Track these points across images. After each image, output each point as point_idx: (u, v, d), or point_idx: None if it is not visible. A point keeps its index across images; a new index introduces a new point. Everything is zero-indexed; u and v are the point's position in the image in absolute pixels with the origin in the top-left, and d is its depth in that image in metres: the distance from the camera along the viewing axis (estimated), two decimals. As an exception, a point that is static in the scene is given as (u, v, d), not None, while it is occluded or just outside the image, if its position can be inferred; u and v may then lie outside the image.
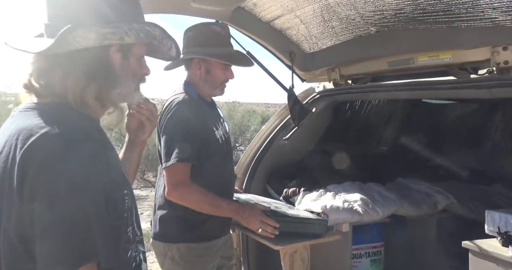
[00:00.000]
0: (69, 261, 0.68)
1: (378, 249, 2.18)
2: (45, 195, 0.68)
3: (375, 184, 2.18)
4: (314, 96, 2.31)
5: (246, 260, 2.22)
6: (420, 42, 1.74)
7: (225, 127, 1.69)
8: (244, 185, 2.20)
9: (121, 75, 0.86)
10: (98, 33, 0.79)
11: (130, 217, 0.85)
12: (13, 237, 0.71)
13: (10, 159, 0.72)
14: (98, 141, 0.79)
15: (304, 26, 2.05)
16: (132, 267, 0.87)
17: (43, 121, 0.74)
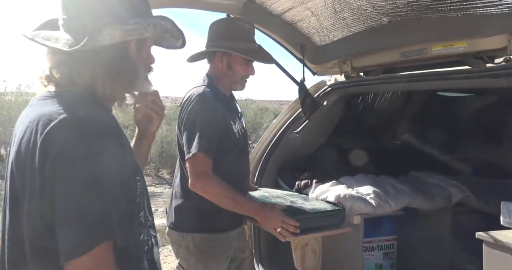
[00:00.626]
0: (88, 240, 0.72)
1: (390, 242, 2.16)
2: (65, 178, 0.72)
3: (388, 176, 2.16)
4: (325, 89, 2.30)
5: (258, 253, 2.23)
6: (433, 32, 1.71)
7: (242, 122, 1.70)
8: (255, 179, 2.21)
9: (134, 66, 0.91)
10: (123, 30, 0.85)
11: (142, 202, 0.90)
12: (35, 216, 0.75)
13: (32, 144, 0.75)
14: (113, 127, 0.83)
15: (315, 18, 2.04)
16: (145, 250, 0.90)
17: (61, 108, 0.78)
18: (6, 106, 5.13)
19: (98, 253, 0.72)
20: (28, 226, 0.76)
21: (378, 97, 2.59)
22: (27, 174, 0.76)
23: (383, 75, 2.05)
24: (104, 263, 0.74)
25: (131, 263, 0.86)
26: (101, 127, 0.79)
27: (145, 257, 0.91)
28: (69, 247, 0.72)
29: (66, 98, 0.82)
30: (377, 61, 2.05)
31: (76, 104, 0.81)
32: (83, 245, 0.72)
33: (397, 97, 2.76)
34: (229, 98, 1.67)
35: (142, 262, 0.90)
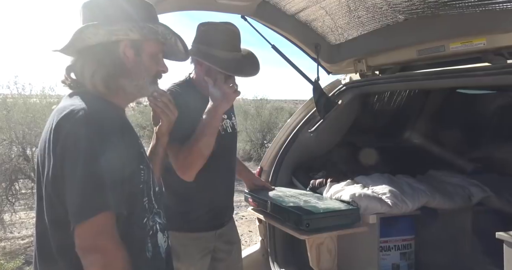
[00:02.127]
0: (89, 208, 0.84)
1: (408, 242, 2.13)
2: (71, 156, 0.86)
3: (405, 176, 2.14)
4: (340, 88, 2.29)
5: (273, 251, 2.24)
6: (451, 28, 1.68)
7: (225, 124, 1.65)
8: (270, 178, 2.22)
9: (133, 69, 1.00)
10: (106, 30, 0.95)
11: (146, 189, 0.99)
12: (50, 190, 0.89)
13: (49, 129, 0.91)
14: (116, 120, 0.94)
15: (330, 17, 2.04)
16: (149, 234, 1.00)
17: (73, 102, 0.94)
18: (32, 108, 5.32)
19: (97, 221, 0.84)
20: (46, 200, 0.90)
21: (395, 95, 2.56)
22: (46, 155, 0.90)
23: (399, 74, 2.03)
24: (104, 230, 0.85)
25: (134, 242, 0.95)
26: (103, 117, 0.90)
27: (149, 240, 1.00)
28: (74, 215, 0.84)
29: (79, 96, 0.96)
30: (393, 59, 2.03)
31: (85, 100, 0.94)
32: (83, 213, 0.84)
33: (415, 95, 2.72)
34: (207, 99, 1.50)
35: (146, 244, 0.99)
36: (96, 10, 0.99)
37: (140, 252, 0.97)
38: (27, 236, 4.42)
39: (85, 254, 0.84)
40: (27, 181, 5.26)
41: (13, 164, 5.02)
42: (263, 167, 2.27)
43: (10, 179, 4.96)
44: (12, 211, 4.86)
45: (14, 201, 4.97)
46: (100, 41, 0.96)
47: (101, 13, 0.98)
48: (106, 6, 0.99)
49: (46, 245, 0.93)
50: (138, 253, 0.96)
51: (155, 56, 1.04)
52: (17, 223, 4.84)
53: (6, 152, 5.13)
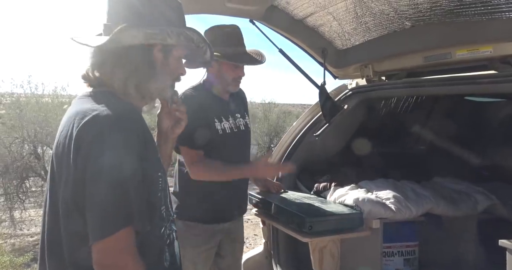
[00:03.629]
0: (110, 224, 0.81)
1: (412, 248, 2.12)
2: (94, 168, 0.81)
3: (410, 181, 2.13)
4: (346, 93, 2.30)
5: (277, 254, 2.25)
6: (458, 36, 1.69)
7: (238, 122, 1.79)
8: (274, 181, 2.23)
9: (160, 72, 0.98)
10: (146, 33, 0.92)
11: (164, 197, 0.96)
12: (68, 199, 0.85)
13: (69, 136, 0.86)
14: (140, 126, 0.91)
15: (337, 22, 2.06)
16: (167, 243, 0.97)
17: (95, 105, 0.89)
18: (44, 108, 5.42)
19: (120, 237, 0.81)
20: (63, 208, 0.86)
21: (402, 101, 2.56)
22: (64, 162, 0.86)
23: (405, 80, 2.04)
24: (125, 247, 0.82)
25: (153, 253, 0.93)
26: (128, 124, 0.87)
27: (167, 249, 0.97)
28: (95, 230, 0.81)
29: (100, 97, 0.92)
30: (400, 66, 2.04)
31: (107, 102, 0.89)
32: (106, 228, 0.80)
33: (422, 102, 2.72)
34: (219, 99, 1.76)
35: (163, 253, 0.96)
36: (130, 7, 0.94)
37: (159, 262, 0.95)
38: (36, 233, 4.49)
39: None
40: (38, 179, 5.35)
41: (24, 161, 5.12)
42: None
43: (21, 176, 5.05)
44: (22, 208, 4.95)
45: (24, 199, 5.06)
46: (136, 44, 0.92)
47: (136, 12, 0.94)
48: (139, 4, 0.94)
49: (56, 255, 0.90)
50: (156, 264, 0.94)
51: (179, 60, 1.03)
52: (26, 220, 4.92)
53: (18, 150, 5.23)
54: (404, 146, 2.49)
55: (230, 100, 1.80)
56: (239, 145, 1.78)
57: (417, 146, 2.61)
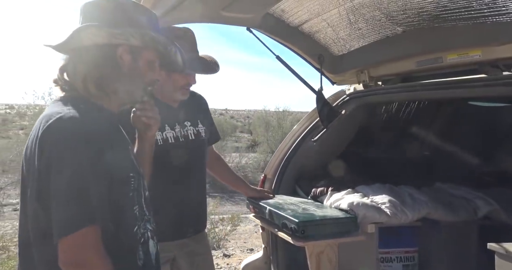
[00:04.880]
0: (73, 222, 0.83)
1: (411, 254, 2.11)
2: (56, 169, 0.84)
3: (408, 186, 2.13)
4: (343, 98, 2.32)
5: (276, 259, 2.26)
6: (447, 40, 1.70)
7: (186, 130, 1.67)
8: (273, 185, 2.26)
9: (128, 74, 0.99)
10: (107, 32, 0.94)
11: (136, 197, 0.98)
12: (35, 201, 0.88)
13: (34, 138, 0.89)
14: (105, 128, 0.92)
15: (332, 29, 2.09)
16: (140, 242, 0.98)
17: (61, 109, 0.91)
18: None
19: (83, 235, 0.82)
20: (30, 208, 0.89)
21: (400, 106, 2.56)
22: (31, 164, 0.89)
23: (399, 84, 2.05)
24: (89, 245, 0.83)
25: (124, 252, 0.95)
26: (91, 126, 0.88)
27: (140, 248, 0.98)
28: (58, 228, 0.83)
29: (69, 101, 0.94)
30: (394, 70, 2.06)
31: (73, 106, 0.92)
32: (68, 226, 0.82)
33: (422, 106, 2.70)
34: (164, 105, 1.60)
35: (137, 252, 0.97)
36: (98, 11, 0.97)
37: (132, 261, 0.96)
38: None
39: (68, 267, 0.84)
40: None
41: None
42: (267, 174, 2.32)
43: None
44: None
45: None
46: (98, 43, 0.94)
47: (103, 15, 0.96)
48: (109, 9, 0.97)
49: (28, 255, 0.92)
50: (129, 262, 0.95)
51: (151, 64, 1.03)
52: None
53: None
54: (404, 151, 2.48)
55: (180, 107, 1.67)
56: (186, 156, 1.64)
57: (417, 151, 2.59)
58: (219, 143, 13.00)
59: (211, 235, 5.55)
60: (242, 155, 12.74)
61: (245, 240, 5.71)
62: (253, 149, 14.59)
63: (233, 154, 12.98)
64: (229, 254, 4.61)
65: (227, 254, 4.58)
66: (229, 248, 5.09)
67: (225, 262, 4.23)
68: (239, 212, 5.73)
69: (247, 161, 12.53)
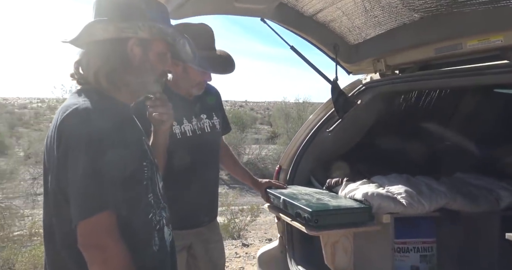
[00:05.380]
0: (88, 208, 0.88)
1: (429, 245, 2.08)
2: (73, 156, 0.89)
3: (426, 177, 2.09)
4: (359, 88, 2.29)
5: (291, 248, 2.28)
6: (467, 26, 1.64)
7: (203, 123, 1.69)
8: (288, 176, 2.27)
9: (139, 67, 1.02)
10: (116, 26, 0.97)
11: (151, 185, 1.02)
12: (55, 188, 0.93)
13: (53, 129, 0.95)
14: (117, 118, 0.96)
15: (347, 17, 2.06)
16: (156, 229, 1.03)
17: (76, 100, 0.96)
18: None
19: (99, 220, 0.87)
20: (52, 195, 0.94)
21: (421, 96, 2.49)
22: (50, 153, 0.94)
23: (417, 73, 2.00)
24: (105, 229, 0.88)
25: (140, 237, 0.99)
26: (105, 116, 0.93)
27: (156, 234, 1.03)
28: (75, 213, 0.88)
29: (83, 94, 0.99)
30: (412, 58, 2.01)
31: (89, 98, 0.96)
32: (84, 211, 0.88)
33: (444, 95, 2.62)
34: (182, 98, 1.64)
35: (152, 238, 1.02)
36: (109, 5, 1.00)
37: (147, 246, 1.00)
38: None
39: (86, 250, 0.88)
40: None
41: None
42: (281, 165, 2.33)
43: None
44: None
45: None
46: (109, 37, 0.97)
47: (113, 9, 0.99)
48: (119, 2, 0.99)
49: (52, 239, 0.98)
50: (144, 247, 0.99)
51: (162, 56, 1.05)
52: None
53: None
54: (422, 141, 2.42)
55: (196, 100, 1.71)
56: (202, 148, 1.67)
57: (436, 142, 2.53)
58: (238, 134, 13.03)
59: (231, 225, 5.65)
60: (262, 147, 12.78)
61: (265, 230, 5.77)
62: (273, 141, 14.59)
63: (253, 146, 13.04)
64: (248, 243, 4.67)
65: (246, 244, 4.65)
66: (248, 238, 5.15)
67: (243, 251, 4.30)
68: (259, 203, 5.79)
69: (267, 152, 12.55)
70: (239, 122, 16.49)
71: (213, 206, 1.81)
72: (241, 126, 16.00)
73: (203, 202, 1.73)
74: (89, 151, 0.88)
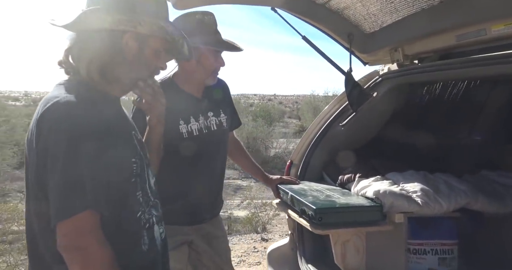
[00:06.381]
0: (68, 207, 0.83)
1: (449, 247, 1.94)
2: (52, 153, 0.84)
3: (445, 174, 1.95)
4: (375, 80, 2.16)
5: (302, 246, 2.21)
6: (492, 9, 1.49)
7: (209, 121, 1.66)
8: (299, 172, 2.19)
9: (133, 62, 0.97)
10: (114, 18, 0.92)
11: (140, 182, 0.97)
12: (34, 183, 0.89)
13: (33, 122, 0.90)
14: (102, 113, 0.90)
15: (361, 4, 1.93)
16: (145, 227, 0.99)
17: (59, 93, 0.90)
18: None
19: (79, 220, 0.83)
20: (31, 191, 0.91)
21: (442, 87, 2.32)
22: (31, 147, 0.90)
23: (438, 62, 1.85)
24: (85, 229, 0.83)
25: (128, 236, 0.95)
26: (88, 110, 0.87)
27: (145, 233, 0.99)
28: (54, 212, 0.84)
29: (69, 85, 0.94)
30: (431, 47, 1.86)
31: (74, 90, 0.91)
32: (64, 211, 0.83)
33: (476, 86, 2.43)
34: (189, 96, 1.64)
35: (141, 237, 0.98)
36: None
37: (135, 245, 0.96)
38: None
39: (66, 252, 0.84)
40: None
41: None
42: (293, 160, 2.26)
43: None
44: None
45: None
46: (105, 28, 0.92)
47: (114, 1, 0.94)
48: None
49: (33, 239, 0.93)
50: (132, 247, 0.96)
51: (157, 52, 1.01)
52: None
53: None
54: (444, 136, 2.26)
55: (204, 97, 1.68)
56: (208, 147, 1.65)
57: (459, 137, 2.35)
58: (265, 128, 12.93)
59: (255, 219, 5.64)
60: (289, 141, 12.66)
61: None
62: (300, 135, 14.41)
63: (281, 140, 12.95)
64: (267, 238, 4.64)
65: (265, 238, 4.61)
66: (269, 233, 5.12)
67: (262, 246, 4.27)
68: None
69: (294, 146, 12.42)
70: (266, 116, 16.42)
71: (215, 203, 1.80)
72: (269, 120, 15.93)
73: (205, 200, 1.71)
74: (69, 149, 0.83)
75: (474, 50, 1.71)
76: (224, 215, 6.92)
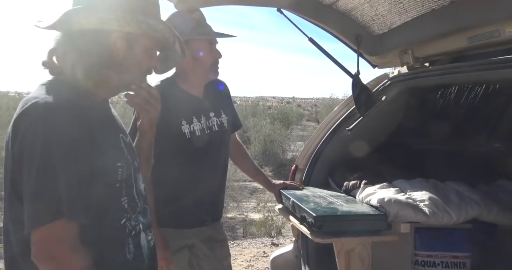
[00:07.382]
0: (41, 216, 0.79)
1: (461, 260, 1.84)
2: (27, 158, 0.80)
3: (457, 183, 1.85)
4: (384, 83, 2.08)
5: (306, 253, 2.15)
6: (506, 9, 1.40)
7: (211, 122, 1.64)
8: (304, 177, 2.14)
9: (122, 62, 0.93)
10: (99, 17, 0.88)
11: (126, 188, 0.93)
12: (9, 190, 0.86)
13: (11, 124, 0.86)
14: (84, 114, 0.85)
15: (369, 5, 1.87)
16: (131, 234, 0.94)
17: (40, 94, 0.86)
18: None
19: (53, 229, 0.78)
20: (6, 195, 0.87)
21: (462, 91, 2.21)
22: (8, 150, 0.86)
23: (449, 65, 1.76)
24: (59, 239, 0.79)
25: (111, 244, 0.91)
26: (67, 112, 0.82)
27: (131, 241, 0.94)
28: (28, 220, 0.79)
29: (51, 86, 0.89)
30: (442, 49, 1.77)
31: (54, 90, 0.86)
32: (37, 219, 0.78)
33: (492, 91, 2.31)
34: (190, 96, 1.62)
35: (126, 245, 0.93)
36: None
37: (118, 254, 0.92)
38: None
39: (40, 262, 0.80)
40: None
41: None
42: (298, 165, 2.20)
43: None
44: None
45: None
46: (89, 28, 0.88)
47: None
48: None
49: (9, 246, 0.89)
50: (114, 255, 0.91)
51: (149, 51, 0.96)
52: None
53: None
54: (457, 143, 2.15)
55: (205, 97, 1.66)
56: (209, 148, 1.63)
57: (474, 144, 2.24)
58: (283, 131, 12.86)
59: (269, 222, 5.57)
60: (306, 144, 12.52)
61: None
62: (318, 138, 14.24)
63: (298, 143, 12.85)
64: (278, 243, 4.57)
65: (276, 243, 4.55)
66: (281, 238, 5.05)
67: (271, 251, 4.20)
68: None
69: (311, 149, 12.26)
70: (284, 119, 16.33)
71: (217, 206, 1.77)
72: (287, 123, 15.83)
73: (206, 201, 1.69)
74: (44, 152, 0.78)
75: (487, 52, 1.62)
76: (239, 217, 6.92)
